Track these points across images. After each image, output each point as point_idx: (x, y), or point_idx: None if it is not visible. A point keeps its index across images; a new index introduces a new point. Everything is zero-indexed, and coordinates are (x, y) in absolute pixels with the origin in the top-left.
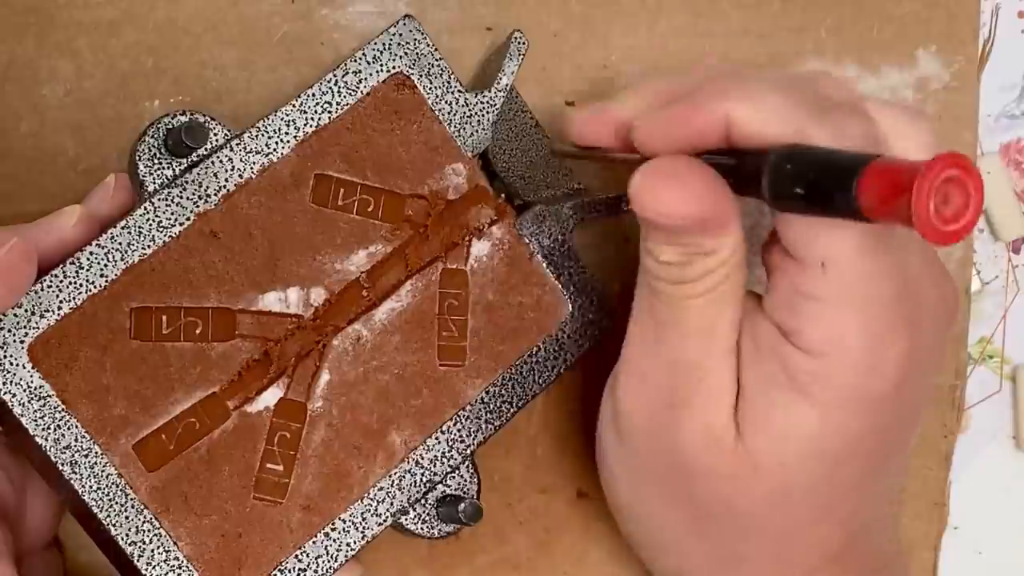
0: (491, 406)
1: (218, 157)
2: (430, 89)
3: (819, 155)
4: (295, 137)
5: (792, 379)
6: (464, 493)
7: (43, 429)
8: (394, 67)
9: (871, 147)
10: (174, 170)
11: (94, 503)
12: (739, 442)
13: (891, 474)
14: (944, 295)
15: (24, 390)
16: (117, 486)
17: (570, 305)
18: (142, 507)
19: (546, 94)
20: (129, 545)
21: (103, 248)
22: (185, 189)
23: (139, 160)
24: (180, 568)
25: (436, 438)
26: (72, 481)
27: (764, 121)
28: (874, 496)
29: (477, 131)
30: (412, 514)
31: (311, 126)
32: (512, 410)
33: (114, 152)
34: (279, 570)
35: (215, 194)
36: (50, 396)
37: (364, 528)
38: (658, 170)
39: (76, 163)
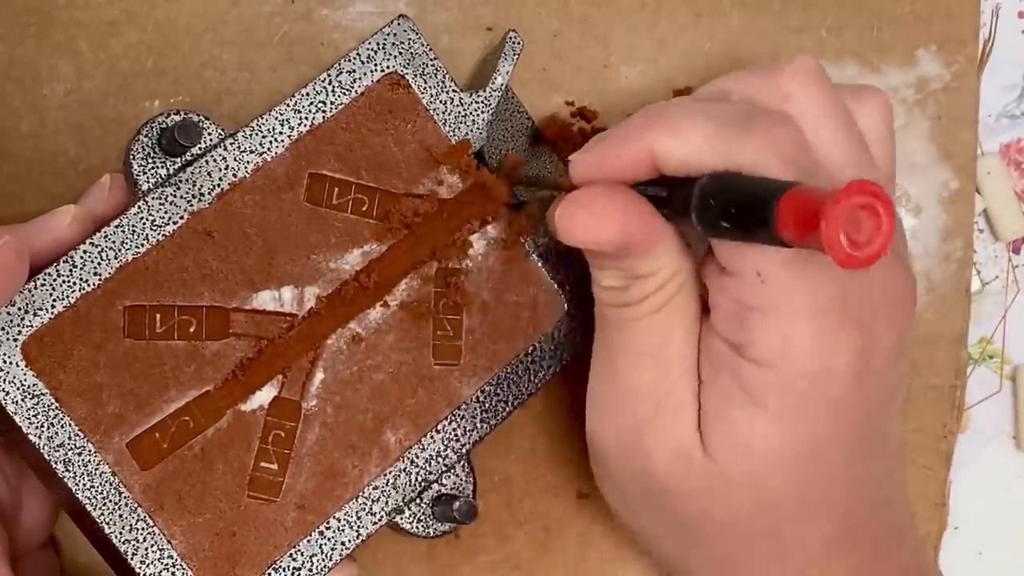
0: (486, 405)
1: (212, 156)
2: (424, 89)
3: (739, 187)
4: (289, 136)
5: (748, 393)
6: (460, 492)
7: (37, 427)
8: (388, 67)
9: (797, 153)
10: (168, 169)
11: (88, 501)
12: (708, 459)
13: (877, 461)
14: (896, 285)
15: (18, 388)
16: (111, 484)
17: (566, 304)
18: (136, 505)
19: (546, 94)
20: (123, 544)
21: (97, 247)
22: (179, 188)
23: (133, 159)
24: (174, 566)
25: (431, 437)
26: (66, 479)
27: (688, 150)
28: (863, 484)
29: (472, 130)
30: (407, 513)
31: (305, 125)
32: (507, 409)
33: (114, 153)
34: (274, 569)
35: (209, 193)
36: (44, 394)
37: (359, 527)
38: (574, 200)
39: (76, 163)
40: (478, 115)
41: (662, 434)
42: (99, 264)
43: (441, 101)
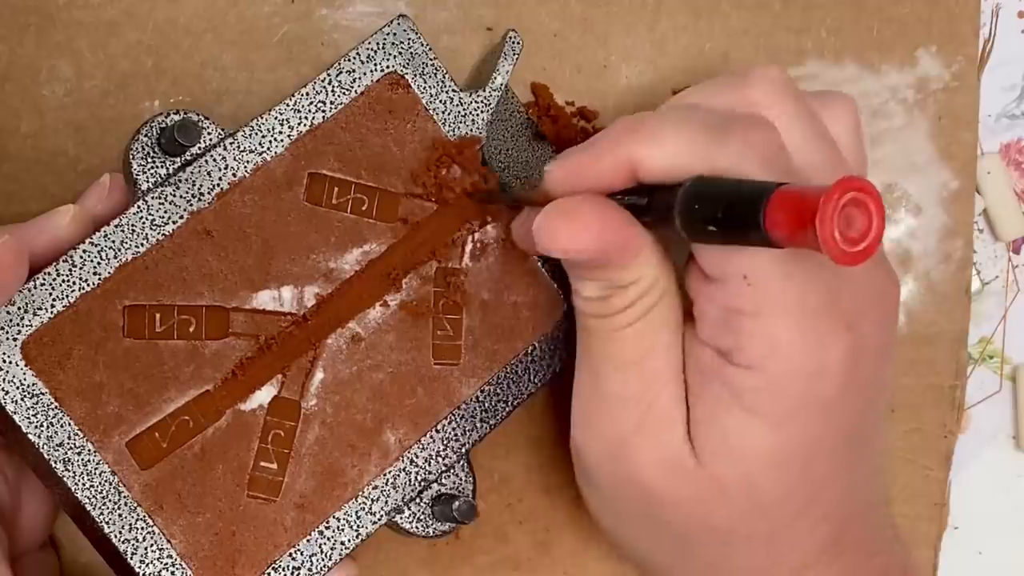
0: (486, 405)
1: (212, 156)
2: (424, 88)
3: (725, 190)
4: (289, 136)
5: (739, 399)
6: (459, 492)
7: (36, 427)
8: (388, 66)
9: (775, 155)
10: (168, 169)
11: (87, 501)
12: (699, 466)
13: (865, 462)
14: (881, 285)
15: (17, 387)
16: (110, 484)
17: (565, 304)
18: (135, 505)
19: None
20: (122, 543)
21: (96, 246)
22: (179, 188)
23: (132, 159)
24: (173, 566)
25: (431, 437)
26: (65, 479)
27: (669, 157)
28: (853, 484)
29: (472, 130)
30: (407, 513)
31: (305, 125)
32: (507, 409)
33: (114, 152)
34: (273, 568)
35: (209, 192)
36: (43, 394)
37: (358, 527)
38: (554, 209)
39: (76, 163)
40: (478, 115)
41: (650, 443)
42: (99, 264)
43: (441, 101)
